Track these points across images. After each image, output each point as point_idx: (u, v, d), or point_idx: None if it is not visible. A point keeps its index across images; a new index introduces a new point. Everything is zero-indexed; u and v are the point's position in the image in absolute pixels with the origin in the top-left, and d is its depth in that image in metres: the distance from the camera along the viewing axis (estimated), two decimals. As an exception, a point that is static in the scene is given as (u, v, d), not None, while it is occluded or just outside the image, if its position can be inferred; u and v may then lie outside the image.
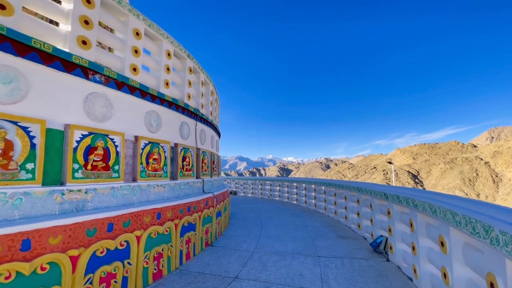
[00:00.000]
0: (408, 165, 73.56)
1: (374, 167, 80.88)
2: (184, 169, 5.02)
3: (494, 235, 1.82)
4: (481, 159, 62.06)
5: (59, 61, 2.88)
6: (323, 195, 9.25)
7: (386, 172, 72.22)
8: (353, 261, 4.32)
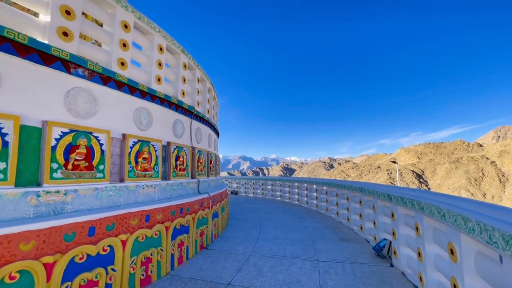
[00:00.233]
0: (413, 165, 72.59)
1: (378, 167, 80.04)
2: (178, 169, 4.81)
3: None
4: (487, 159, 60.93)
5: (36, 53, 2.68)
6: (325, 196, 8.99)
7: (390, 172, 71.38)
8: (355, 266, 4.07)
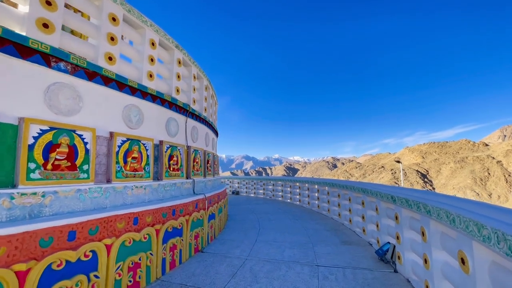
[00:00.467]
0: (417, 164, 71.69)
1: (382, 166, 79.25)
2: (171, 169, 4.62)
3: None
4: (493, 158, 59.90)
5: (12, 45, 2.50)
6: (326, 196, 8.74)
7: (394, 172, 70.60)
8: (356, 272, 3.84)
